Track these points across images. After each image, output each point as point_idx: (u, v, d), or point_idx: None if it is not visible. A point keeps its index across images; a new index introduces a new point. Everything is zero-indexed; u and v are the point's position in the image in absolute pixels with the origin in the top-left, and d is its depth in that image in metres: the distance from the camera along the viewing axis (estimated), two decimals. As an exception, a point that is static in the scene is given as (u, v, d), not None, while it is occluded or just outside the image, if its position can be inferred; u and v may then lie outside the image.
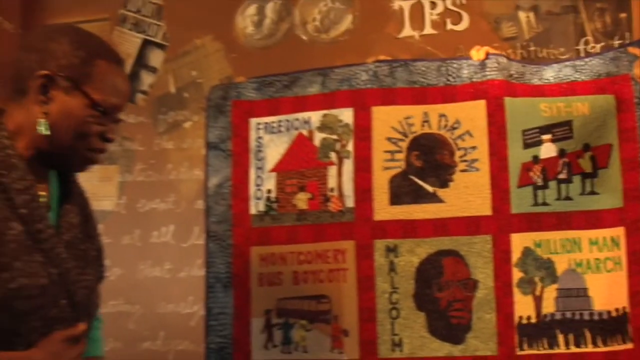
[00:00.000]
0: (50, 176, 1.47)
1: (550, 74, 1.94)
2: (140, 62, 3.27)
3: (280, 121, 2.04)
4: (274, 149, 2.04)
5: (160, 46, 3.28)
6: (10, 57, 3.09)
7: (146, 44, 3.29)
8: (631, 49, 1.92)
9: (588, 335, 1.83)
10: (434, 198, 1.92)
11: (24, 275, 1.29)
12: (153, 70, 3.27)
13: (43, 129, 1.35)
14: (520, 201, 1.88)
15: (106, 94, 1.39)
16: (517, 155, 1.90)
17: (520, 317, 1.85)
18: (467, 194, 1.90)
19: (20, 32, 3.31)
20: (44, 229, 1.35)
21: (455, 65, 1.96)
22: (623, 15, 2.70)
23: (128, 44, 3.30)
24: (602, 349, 1.81)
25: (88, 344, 1.54)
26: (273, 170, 2.04)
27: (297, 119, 2.03)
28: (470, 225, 1.89)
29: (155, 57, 3.28)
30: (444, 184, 1.93)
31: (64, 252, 1.38)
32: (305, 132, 2.02)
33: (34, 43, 1.40)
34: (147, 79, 3.26)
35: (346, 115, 1.99)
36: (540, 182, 1.89)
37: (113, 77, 1.42)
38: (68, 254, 1.39)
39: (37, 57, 1.37)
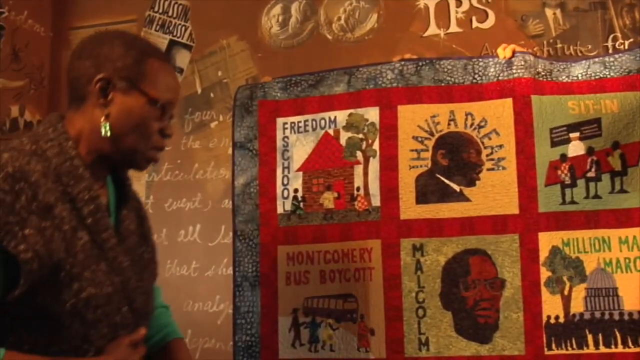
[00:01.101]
0: (107, 180, 1.51)
1: (578, 71, 1.92)
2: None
3: (306, 120, 2.05)
4: (301, 149, 2.04)
5: (186, 47, 3.31)
6: (42, 59, 3.14)
7: (172, 44, 3.32)
8: None
9: (618, 335, 1.80)
10: (460, 197, 1.92)
11: (92, 285, 1.33)
12: (180, 70, 3.30)
13: (105, 131, 1.39)
14: (548, 200, 1.87)
15: (161, 91, 1.44)
16: (544, 154, 1.88)
17: (549, 317, 1.83)
18: (494, 192, 1.89)
19: (51, 35, 3.37)
20: (109, 238, 1.39)
21: (481, 64, 1.95)
22: (653, 11, 2.67)
23: (155, 45, 3.33)
24: (633, 349, 1.79)
25: (168, 328, 1.65)
26: (299, 169, 2.04)
27: (323, 119, 2.03)
28: (497, 224, 1.88)
29: (182, 58, 3.31)
30: (470, 182, 1.92)
31: (125, 260, 1.42)
32: (331, 132, 2.02)
33: (86, 50, 1.44)
34: (173, 80, 3.28)
35: (372, 114, 1.99)
36: (568, 180, 1.87)
37: (165, 74, 1.47)
38: (128, 262, 1.42)
39: (92, 62, 1.42)
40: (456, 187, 1.93)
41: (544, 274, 1.85)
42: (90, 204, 1.36)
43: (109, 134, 1.39)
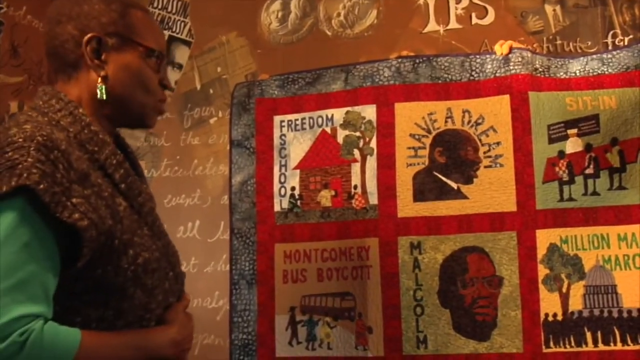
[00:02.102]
0: None
1: (576, 67, 1.91)
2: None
3: (303, 118, 2.04)
4: (298, 147, 2.04)
5: (185, 43, 3.31)
6: (41, 55, 3.10)
7: (172, 40, 3.31)
8: None
9: (617, 333, 1.80)
10: (458, 194, 1.91)
11: (144, 249, 1.28)
12: (179, 66, 3.29)
13: (102, 94, 1.32)
14: (546, 197, 1.86)
15: (152, 40, 1.38)
16: (542, 151, 1.87)
17: (547, 315, 1.82)
18: (492, 190, 1.88)
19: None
20: (144, 202, 1.34)
21: (478, 60, 1.94)
22: (653, 7, 2.66)
23: (154, 41, 3.32)
24: (632, 347, 1.78)
25: None
26: (297, 167, 2.03)
27: (320, 116, 2.03)
28: (494, 222, 1.87)
29: (181, 54, 3.31)
30: (468, 180, 1.91)
31: (160, 224, 1.38)
32: (328, 130, 2.02)
33: (64, 13, 1.35)
34: (173, 76, 3.28)
35: (369, 111, 1.98)
36: (566, 177, 1.86)
37: (151, 23, 1.41)
38: (162, 225, 1.39)
39: (75, 24, 1.33)
40: (454, 185, 1.92)
41: (542, 271, 1.84)
42: (119, 168, 1.31)
43: (104, 97, 1.32)
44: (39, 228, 1.16)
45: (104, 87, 1.33)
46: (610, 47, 2.64)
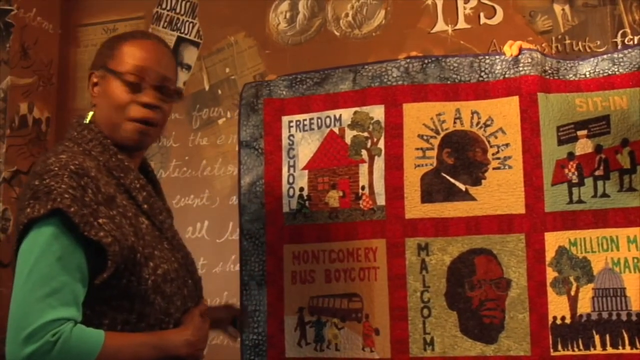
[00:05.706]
0: None
1: (586, 68, 1.89)
2: (175, 59, 3.30)
3: (311, 119, 2.03)
4: (306, 147, 2.03)
5: (194, 43, 3.31)
6: (51, 56, 3.14)
7: (180, 41, 3.32)
8: None
9: (626, 336, 1.78)
10: (466, 196, 1.90)
11: (163, 262, 1.48)
12: (187, 67, 3.30)
13: (86, 118, 1.55)
14: (555, 199, 1.85)
15: (130, 64, 1.53)
16: (551, 152, 1.85)
17: (555, 318, 1.81)
18: (500, 192, 1.87)
19: (60, 32, 3.38)
20: (164, 220, 1.56)
21: (488, 61, 1.93)
22: (663, 6, 2.64)
23: (163, 41, 3.33)
24: None
25: None
26: (305, 168, 2.03)
27: (328, 117, 2.02)
28: (502, 224, 1.86)
29: (190, 55, 3.31)
30: (476, 181, 1.90)
31: (179, 238, 1.60)
32: (336, 130, 2.01)
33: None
34: (181, 77, 3.29)
35: (377, 112, 1.97)
36: (575, 179, 1.85)
37: (134, 47, 1.55)
38: (180, 239, 1.61)
39: (90, 67, 1.60)
40: (462, 186, 1.91)
41: (550, 274, 1.82)
42: (142, 191, 1.52)
43: (87, 121, 1.54)
44: (70, 244, 1.36)
45: (90, 113, 1.55)
46: (619, 47, 2.62)
